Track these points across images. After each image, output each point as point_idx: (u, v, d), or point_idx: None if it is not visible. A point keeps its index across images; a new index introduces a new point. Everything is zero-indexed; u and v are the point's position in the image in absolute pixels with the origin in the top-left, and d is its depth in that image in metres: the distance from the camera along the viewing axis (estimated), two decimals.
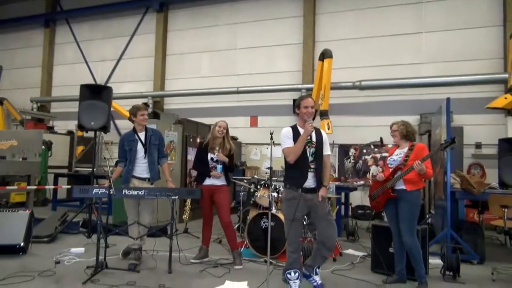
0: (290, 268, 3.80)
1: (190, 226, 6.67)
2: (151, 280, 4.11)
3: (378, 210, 4.43)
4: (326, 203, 3.95)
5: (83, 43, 13.32)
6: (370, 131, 9.60)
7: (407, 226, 4.06)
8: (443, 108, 5.70)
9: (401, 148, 4.30)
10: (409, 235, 4.03)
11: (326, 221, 3.78)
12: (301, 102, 3.88)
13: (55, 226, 6.14)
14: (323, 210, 3.79)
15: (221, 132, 4.93)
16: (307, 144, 3.81)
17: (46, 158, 9.78)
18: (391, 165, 4.25)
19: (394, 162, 4.22)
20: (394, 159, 4.25)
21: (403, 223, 4.08)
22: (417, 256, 4.04)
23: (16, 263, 4.62)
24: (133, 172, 4.81)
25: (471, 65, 8.82)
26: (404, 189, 4.09)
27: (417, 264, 4.06)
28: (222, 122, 4.99)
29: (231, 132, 10.54)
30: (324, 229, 3.80)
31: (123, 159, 4.89)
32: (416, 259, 4.05)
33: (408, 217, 4.06)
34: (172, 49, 12.12)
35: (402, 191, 4.10)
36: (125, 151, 4.85)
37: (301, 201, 3.73)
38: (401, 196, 4.10)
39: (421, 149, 4.15)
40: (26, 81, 14.00)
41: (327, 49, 7.91)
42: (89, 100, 6.14)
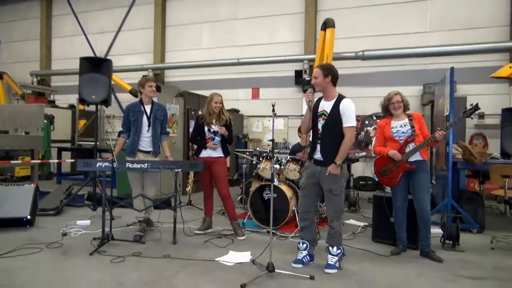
0: (300, 236, 3.90)
1: (194, 198, 6.75)
2: (156, 251, 4.20)
3: (392, 185, 4.26)
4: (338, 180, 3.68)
5: (81, 14, 13.07)
6: (373, 102, 9.41)
7: (427, 195, 4.10)
8: (446, 78, 5.63)
9: (399, 119, 4.21)
10: (428, 204, 4.09)
11: (326, 198, 3.79)
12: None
13: (60, 199, 6.23)
14: (326, 186, 3.72)
15: (217, 108, 4.88)
16: (320, 115, 3.77)
17: (49, 132, 9.82)
18: (400, 138, 4.15)
19: (404, 134, 4.14)
20: (402, 131, 4.14)
21: (424, 192, 4.09)
22: (429, 225, 4.12)
23: (23, 235, 4.72)
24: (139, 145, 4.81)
25: (476, 33, 8.65)
26: (421, 159, 4.08)
27: (428, 232, 4.13)
28: (218, 96, 4.91)
29: (233, 104, 10.66)
30: (326, 204, 3.87)
31: (126, 129, 4.87)
32: (428, 229, 4.12)
33: (427, 186, 4.11)
34: (172, 20, 11.90)
35: (419, 162, 4.08)
36: (129, 122, 4.83)
37: (310, 171, 3.80)
38: (418, 166, 4.09)
39: (420, 118, 4.19)
40: (25, 55, 13.86)
41: (330, 18, 7.74)
42: (89, 73, 6.09)
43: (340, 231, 3.79)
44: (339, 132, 3.67)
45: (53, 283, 3.32)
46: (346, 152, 3.66)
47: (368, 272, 3.72)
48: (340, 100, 3.72)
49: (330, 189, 3.69)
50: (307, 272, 3.58)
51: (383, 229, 4.62)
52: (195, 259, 3.96)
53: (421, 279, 3.55)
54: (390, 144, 4.23)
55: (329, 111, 3.72)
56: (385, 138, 4.28)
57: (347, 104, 3.69)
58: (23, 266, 3.68)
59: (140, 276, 3.48)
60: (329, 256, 3.76)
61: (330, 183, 3.68)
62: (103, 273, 3.54)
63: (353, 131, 3.68)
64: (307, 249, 3.91)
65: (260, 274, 3.46)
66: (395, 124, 4.22)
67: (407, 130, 4.13)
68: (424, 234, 4.15)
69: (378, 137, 4.41)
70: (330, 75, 3.77)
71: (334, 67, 3.90)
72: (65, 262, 3.85)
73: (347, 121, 3.65)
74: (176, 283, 3.36)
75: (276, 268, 3.49)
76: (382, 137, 4.32)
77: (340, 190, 3.71)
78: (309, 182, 3.83)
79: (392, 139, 4.20)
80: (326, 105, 3.78)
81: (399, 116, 4.22)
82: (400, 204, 4.29)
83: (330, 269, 3.66)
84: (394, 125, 4.22)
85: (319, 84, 3.78)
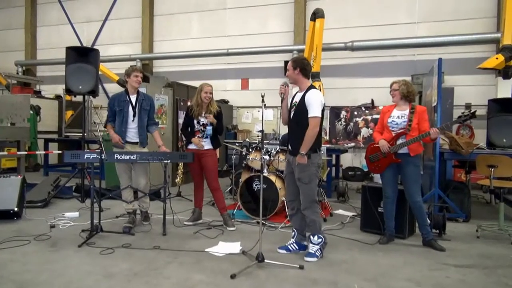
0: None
1: (183, 190, 6.74)
2: (146, 242, 4.20)
3: (377, 173, 4.41)
4: (307, 169, 3.71)
5: (66, 3, 12.80)
6: (362, 93, 9.59)
7: (416, 187, 4.15)
8: (434, 68, 5.67)
9: (400, 109, 4.23)
10: (418, 195, 4.15)
11: (298, 185, 3.82)
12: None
13: (48, 191, 6.16)
14: (296, 174, 3.79)
15: (207, 98, 4.84)
16: (292, 107, 3.88)
17: (35, 123, 9.66)
18: (393, 128, 4.19)
19: (397, 126, 4.17)
20: (397, 122, 4.18)
21: (413, 185, 4.14)
22: (424, 215, 4.18)
23: (11, 227, 4.67)
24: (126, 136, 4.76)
25: (463, 24, 8.70)
26: (407, 153, 4.12)
27: (424, 222, 4.19)
28: (208, 86, 4.88)
29: (222, 95, 10.61)
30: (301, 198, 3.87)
31: (112, 119, 4.80)
32: (424, 218, 4.18)
33: (416, 178, 4.15)
34: (160, 9, 11.73)
35: (405, 156, 4.12)
36: (114, 112, 4.76)
37: (287, 160, 3.98)
38: (405, 160, 4.13)
39: (422, 112, 4.15)
40: (9, 44, 13.54)
41: (319, 9, 7.72)
42: (75, 63, 6.00)
43: (314, 219, 3.80)
44: (304, 123, 3.70)
45: (42, 275, 3.29)
46: (310, 142, 3.66)
47: (356, 261, 3.77)
48: (307, 91, 3.78)
49: (298, 178, 3.79)
50: (296, 261, 3.61)
51: (371, 219, 4.68)
52: (185, 250, 3.97)
53: (409, 268, 3.62)
54: (385, 132, 4.28)
55: (298, 101, 3.81)
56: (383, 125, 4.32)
57: (312, 94, 3.73)
58: (11, 259, 3.64)
59: (130, 267, 3.47)
60: (310, 245, 3.84)
61: (298, 172, 3.76)
62: (93, 265, 3.53)
63: (317, 121, 3.67)
64: (295, 237, 4.01)
65: (250, 264, 3.48)
66: (394, 113, 4.24)
67: (401, 122, 4.16)
68: (421, 224, 4.22)
69: (378, 122, 4.46)
70: (299, 67, 3.84)
71: (305, 59, 4.00)
72: (54, 254, 3.82)
73: (310, 112, 3.68)
74: (167, 274, 3.36)
75: (265, 258, 3.52)
76: (381, 123, 4.35)
77: (309, 178, 3.74)
78: (288, 171, 3.99)
79: (387, 128, 4.25)
80: (298, 96, 3.86)
81: (401, 106, 4.24)
82: (389, 194, 4.33)
83: (309, 257, 3.74)
84: (393, 114, 4.24)
85: (290, 77, 3.91)
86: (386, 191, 4.36)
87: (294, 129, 3.85)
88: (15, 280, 3.19)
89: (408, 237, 4.53)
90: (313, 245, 3.81)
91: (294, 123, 3.84)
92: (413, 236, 4.60)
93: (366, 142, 9.53)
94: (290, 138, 3.93)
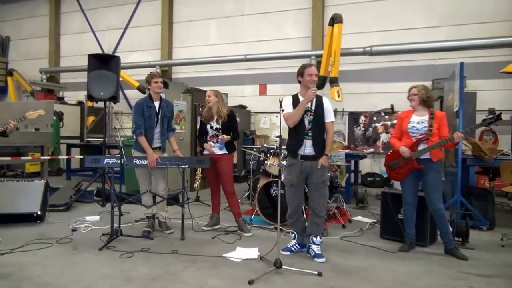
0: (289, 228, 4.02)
1: (201, 195, 6.78)
2: (165, 246, 4.23)
3: (398, 180, 4.32)
4: (326, 172, 3.99)
5: (89, 11, 13.13)
6: (381, 98, 9.47)
7: (437, 194, 4.07)
8: (456, 73, 5.57)
9: (419, 114, 4.14)
10: (440, 202, 4.06)
11: (317, 190, 3.95)
12: (305, 70, 3.95)
13: (70, 195, 6.29)
14: (318, 178, 3.91)
15: (208, 101, 4.90)
16: (305, 112, 3.89)
17: (58, 128, 9.90)
18: (413, 134, 4.11)
19: (417, 132, 4.09)
20: (417, 128, 4.10)
21: (435, 192, 4.06)
22: (446, 222, 4.09)
23: (34, 230, 4.78)
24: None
25: (486, 27, 8.51)
26: (429, 159, 4.04)
27: (446, 229, 4.10)
28: (209, 91, 4.97)
29: (240, 100, 10.65)
30: (315, 197, 3.99)
31: (142, 125, 4.64)
32: (445, 226, 4.09)
33: (437, 185, 4.07)
34: (179, 16, 11.90)
35: (427, 161, 4.04)
36: (143, 117, 4.66)
37: (298, 167, 3.92)
38: (427, 166, 4.05)
39: (442, 117, 4.08)
40: (34, 52, 13.97)
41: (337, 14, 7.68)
42: (97, 70, 6.14)
43: (323, 221, 4.11)
44: (323, 127, 3.96)
45: (63, 277, 3.36)
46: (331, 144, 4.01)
47: (375, 268, 3.71)
48: (321, 98, 4.00)
49: (323, 181, 3.93)
50: (314, 268, 3.57)
51: (391, 225, 4.60)
52: (203, 255, 3.98)
53: (429, 276, 3.53)
54: (404, 138, 4.19)
55: (314, 108, 3.91)
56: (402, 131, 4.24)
57: (329, 101, 4.03)
58: (33, 261, 3.73)
59: (149, 272, 3.51)
60: (314, 246, 3.96)
61: (321, 175, 3.91)
62: (112, 268, 3.58)
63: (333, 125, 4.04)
64: (296, 239, 4.13)
65: (268, 270, 3.47)
66: (414, 119, 4.16)
67: (422, 128, 4.08)
68: (443, 232, 4.12)
69: (396, 128, 4.35)
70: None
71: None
72: (75, 257, 3.89)
73: (330, 117, 3.98)
74: (184, 278, 3.38)
75: (283, 264, 3.50)
76: (400, 129, 4.27)
77: (328, 180, 4.04)
78: (298, 178, 3.96)
79: (407, 134, 4.16)
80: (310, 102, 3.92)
81: (419, 111, 4.15)
82: (409, 201, 4.25)
83: (320, 258, 3.85)
84: (412, 120, 4.15)
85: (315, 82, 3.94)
86: (406, 197, 4.28)
87: (316, 134, 3.91)
88: (37, 282, 3.26)
89: (430, 245, 4.42)
90: (317, 246, 3.95)
91: (315, 128, 3.91)
92: (434, 244, 4.49)
93: (385, 148, 9.39)
94: (313, 143, 3.90)
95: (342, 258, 3.97)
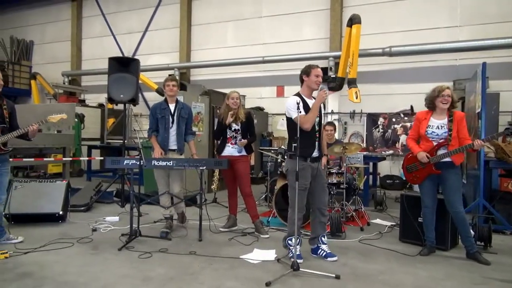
0: (293, 234, 3.75)
1: (219, 196, 6.81)
2: (182, 247, 4.27)
3: (415, 184, 4.25)
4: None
5: (109, 15, 13.39)
6: (400, 99, 9.34)
7: (458, 196, 3.98)
8: (478, 73, 5.44)
9: (438, 118, 4.01)
10: (460, 205, 3.97)
11: (324, 190, 3.98)
12: (312, 70, 3.88)
13: (90, 196, 6.41)
14: (323, 178, 3.98)
15: (235, 104, 4.90)
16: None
17: (79, 130, 10.11)
18: (432, 139, 4.01)
19: (437, 137, 3.98)
20: (437, 133, 3.98)
21: (455, 194, 3.97)
22: (467, 226, 4.00)
23: (56, 230, 4.89)
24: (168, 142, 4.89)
25: (508, 26, 8.29)
26: (450, 162, 3.94)
27: (467, 233, 4.01)
28: (235, 93, 4.95)
29: (258, 102, 10.66)
30: (322, 197, 3.97)
31: (154, 128, 4.93)
32: (466, 229, 4.00)
33: (458, 187, 3.98)
34: (197, 19, 12.01)
35: (448, 165, 3.95)
36: (156, 120, 4.90)
37: (309, 170, 3.85)
38: (447, 169, 3.96)
39: (461, 119, 3.96)
40: (56, 55, 14.31)
41: (356, 15, 7.63)
42: (117, 73, 6.23)
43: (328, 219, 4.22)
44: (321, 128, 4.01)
45: (82, 276, 3.42)
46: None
47: (394, 272, 3.65)
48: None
49: (327, 180, 4.06)
50: (332, 270, 3.54)
51: (410, 229, 4.51)
52: (220, 256, 4.00)
53: (450, 281, 3.46)
54: (423, 141, 4.09)
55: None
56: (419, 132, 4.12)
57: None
58: (55, 260, 3.81)
59: (167, 272, 3.54)
60: (324, 246, 3.98)
61: (324, 175, 4.00)
62: (131, 268, 3.63)
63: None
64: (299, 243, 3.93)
65: (285, 273, 3.45)
66: (433, 123, 4.02)
67: (442, 133, 3.97)
68: (464, 235, 4.03)
69: (413, 129, 4.22)
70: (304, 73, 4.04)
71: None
72: (95, 256, 3.96)
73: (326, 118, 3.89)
74: (201, 279, 3.40)
75: (301, 266, 3.48)
76: (417, 130, 4.14)
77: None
78: (308, 181, 3.88)
79: (425, 138, 4.06)
80: (311, 102, 3.89)
81: (440, 113, 4.01)
82: (428, 204, 4.17)
83: (332, 257, 3.89)
84: (431, 124, 4.03)
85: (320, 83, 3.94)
86: (424, 201, 4.20)
87: (320, 135, 3.96)
88: (57, 280, 3.33)
89: (451, 249, 4.33)
90: (326, 245, 3.99)
91: (319, 129, 3.95)
92: (455, 248, 4.39)
93: (405, 150, 9.24)
94: (319, 145, 3.93)
95: (360, 261, 3.92)
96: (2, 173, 4.21)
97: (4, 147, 4.13)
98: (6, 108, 4.17)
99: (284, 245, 4.08)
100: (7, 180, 4.34)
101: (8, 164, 4.30)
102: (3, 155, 4.19)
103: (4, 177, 4.24)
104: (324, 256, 3.93)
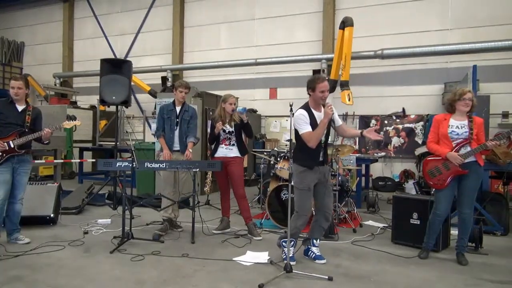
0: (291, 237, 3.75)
1: (212, 198, 6.79)
2: (175, 250, 4.25)
3: (440, 188, 4.00)
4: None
5: (101, 17, 13.31)
6: (392, 102, 9.41)
7: (472, 198, 3.96)
8: (469, 76, 5.52)
9: (458, 119, 3.95)
10: (472, 207, 3.99)
11: (329, 193, 3.98)
12: (317, 86, 3.73)
13: (82, 198, 6.36)
14: (328, 181, 3.95)
15: (232, 109, 4.90)
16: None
17: (71, 132, 10.03)
18: (452, 138, 3.93)
19: (458, 136, 3.91)
20: (457, 133, 3.92)
21: (472, 194, 3.94)
22: (469, 228, 4.03)
23: (47, 233, 4.85)
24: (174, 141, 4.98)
25: (498, 30, 8.40)
26: (475, 161, 3.89)
27: (466, 235, 4.04)
28: (232, 97, 4.94)
29: (251, 104, 10.67)
30: (327, 201, 3.94)
31: (162, 128, 5.04)
32: (467, 232, 4.03)
33: (475, 188, 3.96)
34: (190, 21, 11.99)
35: (473, 164, 3.88)
36: (163, 120, 5.02)
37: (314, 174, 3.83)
38: (473, 169, 3.88)
39: (481, 124, 3.94)
40: (48, 57, 14.19)
41: (348, 17, 7.66)
42: (109, 75, 6.20)
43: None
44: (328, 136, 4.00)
45: (75, 279, 3.39)
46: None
47: (387, 274, 3.67)
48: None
49: (330, 183, 4.02)
50: (325, 272, 3.55)
51: (403, 230, 4.55)
52: (213, 258, 3.99)
53: (442, 282, 3.48)
54: (442, 143, 4.00)
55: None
56: (439, 135, 4.02)
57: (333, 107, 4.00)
58: (47, 263, 3.78)
59: (160, 275, 3.52)
60: (315, 248, 4.00)
61: (328, 179, 3.96)
62: (123, 271, 3.60)
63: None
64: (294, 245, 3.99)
65: (278, 275, 3.45)
66: (453, 123, 3.97)
67: (462, 133, 3.91)
68: (464, 237, 4.05)
69: (432, 132, 4.10)
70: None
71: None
72: (87, 259, 3.93)
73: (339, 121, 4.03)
74: (194, 282, 3.39)
75: (294, 268, 3.49)
76: (436, 132, 4.04)
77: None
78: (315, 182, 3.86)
79: (446, 138, 3.96)
80: (319, 115, 3.82)
81: (460, 115, 3.96)
82: (441, 213, 4.04)
83: (321, 260, 3.91)
84: (452, 124, 3.97)
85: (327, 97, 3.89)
86: (438, 208, 4.04)
87: (326, 142, 3.96)
88: (50, 284, 3.30)
89: (442, 250, 4.37)
90: (317, 248, 4.00)
91: (325, 138, 3.92)
92: (447, 249, 4.43)
93: (397, 152, 9.33)
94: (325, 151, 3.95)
95: (353, 263, 3.94)
96: (20, 173, 4.35)
97: (19, 149, 4.21)
98: (30, 114, 4.34)
99: (278, 244, 4.08)
100: (26, 180, 4.47)
101: (28, 165, 4.44)
102: (22, 156, 4.30)
103: (23, 176, 4.38)
104: (313, 258, 3.95)
